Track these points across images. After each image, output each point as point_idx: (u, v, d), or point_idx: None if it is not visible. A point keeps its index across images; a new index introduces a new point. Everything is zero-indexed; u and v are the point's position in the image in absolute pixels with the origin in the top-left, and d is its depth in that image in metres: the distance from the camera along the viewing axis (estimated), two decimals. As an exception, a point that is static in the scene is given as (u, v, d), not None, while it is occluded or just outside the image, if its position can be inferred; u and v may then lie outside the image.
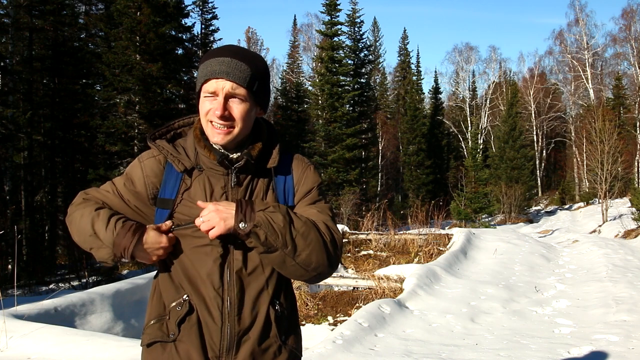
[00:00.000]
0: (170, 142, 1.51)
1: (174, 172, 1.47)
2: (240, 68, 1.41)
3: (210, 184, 1.46)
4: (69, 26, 18.52)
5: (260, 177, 1.50)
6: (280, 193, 1.52)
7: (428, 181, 35.06)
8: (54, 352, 3.97)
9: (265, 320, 1.46)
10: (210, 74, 1.40)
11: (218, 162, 1.44)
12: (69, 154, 18.62)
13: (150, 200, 1.48)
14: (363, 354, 4.46)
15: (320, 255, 1.41)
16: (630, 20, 34.30)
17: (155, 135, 1.53)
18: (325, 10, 26.77)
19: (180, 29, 18.84)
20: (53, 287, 11.74)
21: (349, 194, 21.88)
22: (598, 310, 6.08)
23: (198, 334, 1.43)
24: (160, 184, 1.47)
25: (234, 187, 1.46)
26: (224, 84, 1.40)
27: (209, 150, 1.45)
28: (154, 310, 1.49)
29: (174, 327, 1.44)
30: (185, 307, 1.43)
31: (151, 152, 1.51)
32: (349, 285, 7.54)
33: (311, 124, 29.29)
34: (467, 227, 15.54)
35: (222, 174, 1.46)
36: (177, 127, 1.57)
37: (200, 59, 1.49)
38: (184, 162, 1.46)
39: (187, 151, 1.48)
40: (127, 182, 1.50)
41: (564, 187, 36.93)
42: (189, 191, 1.46)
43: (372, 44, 44.67)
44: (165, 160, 1.48)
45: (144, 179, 1.48)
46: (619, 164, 22.49)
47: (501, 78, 44.84)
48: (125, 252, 1.39)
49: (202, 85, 1.42)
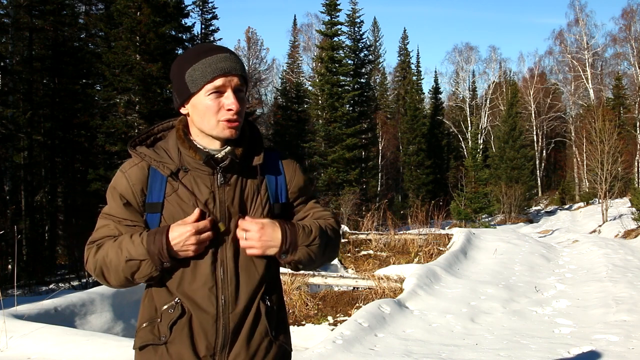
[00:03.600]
0: (151, 147, 1.51)
1: (159, 176, 1.46)
2: (241, 63, 1.45)
3: (197, 185, 1.46)
4: (69, 26, 18.52)
5: (248, 175, 1.50)
6: (273, 191, 1.53)
7: (428, 181, 35.05)
8: (54, 352, 3.97)
9: (257, 315, 1.48)
10: (220, 70, 1.39)
11: (204, 162, 1.44)
12: (69, 154, 18.63)
13: (140, 207, 1.47)
14: (363, 354, 4.46)
15: (333, 254, 1.59)
16: (630, 20, 34.31)
17: (136, 142, 1.52)
18: (325, 10, 26.77)
19: (180, 29, 18.83)
20: (53, 287, 11.75)
21: (349, 194, 21.87)
22: (598, 310, 6.08)
23: (189, 335, 1.44)
24: (147, 190, 1.46)
25: (221, 186, 1.46)
26: (233, 79, 1.41)
27: (194, 151, 1.45)
28: (145, 313, 1.50)
29: (165, 330, 1.44)
30: (177, 310, 1.43)
31: (132, 161, 1.49)
32: (349, 285, 7.54)
33: (311, 124, 29.27)
34: (467, 227, 15.54)
35: (208, 173, 1.46)
36: (157, 132, 1.56)
37: (183, 61, 1.45)
38: (169, 166, 1.45)
39: (169, 153, 1.48)
40: (116, 199, 1.47)
41: (564, 187, 36.92)
42: (176, 193, 1.45)
43: (372, 44, 44.66)
44: (148, 166, 1.47)
45: (131, 188, 1.46)
46: (619, 164, 22.48)
47: (501, 78, 44.82)
48: (161, 255, 1.38)
49: (205, 84, 1.41)
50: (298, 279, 7.07)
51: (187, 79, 1.42)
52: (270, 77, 44.42)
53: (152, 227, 1.45)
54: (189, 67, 1.42)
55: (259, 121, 34.42)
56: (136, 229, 1.46)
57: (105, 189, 1.57)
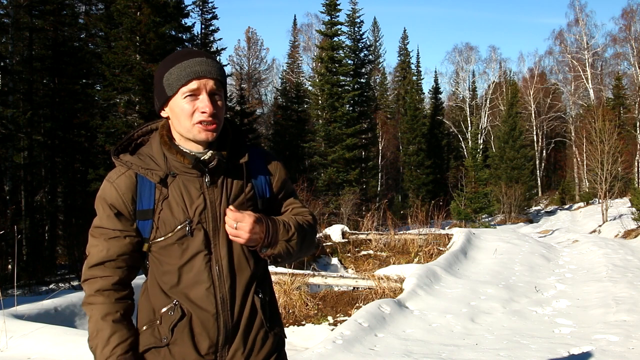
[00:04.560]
0: (133, 154, 1.51)
1: (147, 183, 1.47)
2: (217, 66, 1.47)
3: (187, 188, 1.47)
4: (69, 26, 18.51)
5: (234, 173, 1.52)
6: (258, 188, 1.57)
7: (428, 181, 35.04)
8: (54, 352, 3.97)
9: (252, 309, 1.52)
10: (194, 74, 1.42)
11: (193, 166, 1.45)
12: (69, 154, 18.60)
13: (131, 215, 1.48)
14: (363, 354, 4.46)
15: (309, 249, 1.65)
16: (630, 20, 34.30)
17: (118, 149, 1.53)
18: (325, 10, 26.77)
19: (180, 29, 18.82)
20: (53, 287, 11.74)
21: (349, 194, 21.87)
22: (598, 310, 6.08)
23: (190, 335, 1.46)
24: (136, 197, 1.47)
25: (209, 187, 1.48)
26: (207, 82, 1.43)
27: (182, 156, 1.46)
28: (144, 315, 1.51)
29: (166, 332, 1.46)
30: (177, 312, 1.45)
31: (119, 170, 1.49)
32: (349, 285, 7.53)
33: (311, 124, 29.28)
34: (467, 227, 15.53)
35: (197, 176, 1.48)
36: (136, 138, 1.57)
37: (162, 65, 1.48)
38: (157, 172, 1.46)
39: (154, 159, 1.48)
40: (106, 209, 1.48)
41: (564, 187, 36.92)
42: (166, 198, 1.46)
43: (372, 44, 44.70)
44: (135, 174, 1.48)
45: (121, 197, 1.47)
46: (619, 164, 22.47)
47: (501, 78, 44.80)
48: None
49: (180, 87, 1.43)
50: (298, 279, 7.06)
51: (164, 82, 1.46)
52: (270, 77, 44.48)
53: (144, 234, 1.48)
54: (166, 71, 1.45)
55: (259, 121, 34.41)
56: (127, 241, 1.48)
57: (105, 189, 1.56)
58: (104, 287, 1.47)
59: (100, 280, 1.48)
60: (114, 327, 1.45)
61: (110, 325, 1.45)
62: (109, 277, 1.48)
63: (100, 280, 1.48)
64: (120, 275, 1.49)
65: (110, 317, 1.46)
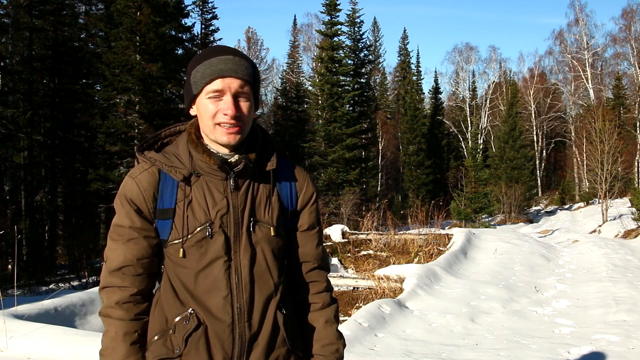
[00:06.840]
0: (158, 152, 1.47)
1: (169, 181, 1.42)
2: (245, 65, 1.39)
3: (210, 189, 1.42)
4: (69, 26, 18.53)
5: (260, 180, 1.47)
6: (286, 197, 1.50)
7: (428, 181, 35.04)
8: (54, 352, 3.97)
9: (274, 324, 1.44)
10: (217, 72, 1.36)
11: (218, 167, 1.40)
12: (69, 154, 18.61)
13: (151, 214, 1.42)
14: (363, 354, 4.46)
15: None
16: (630, 20, 34.30)
17: (144, 146, 1.48)
18: (325, 10, 26.76)
19: (180, 29, 18.82)
20: (53, 287, 11.72)
21: (349, 194, 21.87)
22: (598, 310, 6.08)
23: (206, 346, 1.39)
24: (158, 195, 1.42)
25: (233, 191, 1.42)
26: (231, 82, 1.36)
27: (208, 155, 1.41)
28: (155, 325, 1.44)
29: (179, 342, 1.39)
30: (193, 321, 1.39)
31: (142, 166, 1.44)
32: (349, 285, 7.54)
33: (311, 124, 29.26)
34: (467, 227, 15.53)
35: (221, 178, 1.42)
36: (164, 137, 1.52)
37: (192, 61, 1.43)
38: (181, 170, 1.41)
39: (180, 158, 1.43)
40: (126, 206, 1.42)
41: (564, 187, 36.91)
42: (188, 198, 1.41)
43: (372, 44, 44.69)
44: (158, 171, 1.43)
45: (142, 194, 1.41)
46: (619, 164, 22.47)
47: (501, 78, 44.80)
48: None
49: (204, 86, 1.38)
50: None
51: (192, 79, 1.40)
52: (270, 77, 44.43)
53: (163, 235, 1.42)
54: (194, 67, 1.40)
55: (259, 121, 34.37)
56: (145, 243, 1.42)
57: (105, 189, 1.56)
58: (123, 299, 1.41)
59: (119, 291, 1.42)
60: (129, 351, 1.40)
61: (126, 348, 1.40)
62: (127, 288, 1.42)
63: (119, 291, 1.42)
64: (139, 286, 1.43)
65: (128, 337, 1.41)
